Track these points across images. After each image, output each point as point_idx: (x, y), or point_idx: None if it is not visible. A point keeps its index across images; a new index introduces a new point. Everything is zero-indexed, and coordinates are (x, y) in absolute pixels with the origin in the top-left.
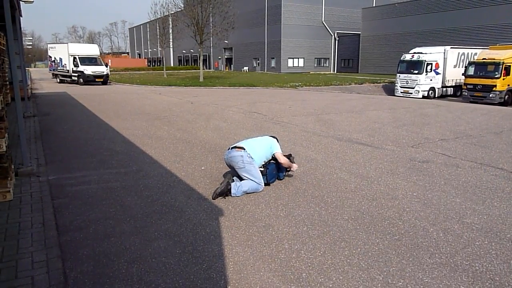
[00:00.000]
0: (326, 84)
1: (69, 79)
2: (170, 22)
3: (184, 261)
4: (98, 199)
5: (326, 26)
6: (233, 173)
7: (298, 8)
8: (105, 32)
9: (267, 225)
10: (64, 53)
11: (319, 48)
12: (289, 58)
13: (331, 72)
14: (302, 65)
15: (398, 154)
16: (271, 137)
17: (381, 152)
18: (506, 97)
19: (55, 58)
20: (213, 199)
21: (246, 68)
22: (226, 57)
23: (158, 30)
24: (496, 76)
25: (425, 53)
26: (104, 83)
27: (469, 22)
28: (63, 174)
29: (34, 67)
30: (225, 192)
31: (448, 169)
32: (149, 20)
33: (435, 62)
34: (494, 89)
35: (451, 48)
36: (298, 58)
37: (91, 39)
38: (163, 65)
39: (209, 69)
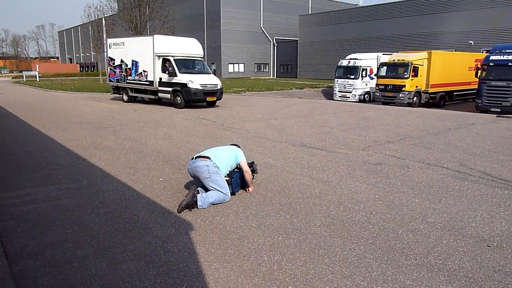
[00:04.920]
0: (268, 89)
1: (151, 96)
2: (104, 26)
3: (160, 283)
4: (50, 219)
5: (265, 32)
6: (197, 183)
7: (237, 14)
8: (31, 35)
9: (241, 237)
10: (142, 52)
11: (259, 53)
12: (229, 63)
13: (271, 77)
14: (243, 70)
15: (351, 157)
16: (235, 146)
17: (336, 156)
18: (415, 98)
19: (121, 61)
20: (178, 212)
21: None
22: None
23: (92, 34)
24: (405, 77)
25: (360, 59)
26: (213, 104)
27: (399, 30)
28: (3, 193)
29: None
30: (191, 204)
31: (400, 170)
32: (81, 23)
33: (370, 67)
34: (403, 89)
35: (383, 54)
36: (238, 63)
37: (15, 43)
38: (98, 70)
39: None
